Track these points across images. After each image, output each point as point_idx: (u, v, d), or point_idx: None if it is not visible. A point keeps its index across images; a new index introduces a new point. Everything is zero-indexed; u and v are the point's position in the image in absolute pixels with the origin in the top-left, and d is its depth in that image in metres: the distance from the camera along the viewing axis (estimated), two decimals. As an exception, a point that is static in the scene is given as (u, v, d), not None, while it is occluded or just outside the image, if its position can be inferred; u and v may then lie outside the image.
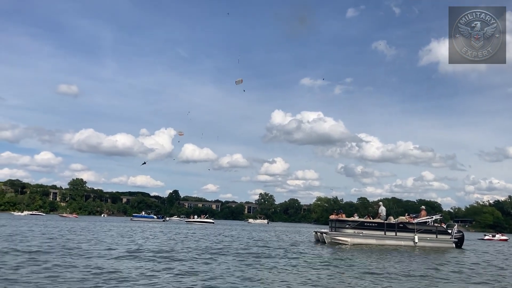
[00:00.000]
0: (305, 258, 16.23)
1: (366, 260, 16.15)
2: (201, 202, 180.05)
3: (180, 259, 14.51)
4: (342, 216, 27.79)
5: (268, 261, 14.83)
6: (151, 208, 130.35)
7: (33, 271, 10.81)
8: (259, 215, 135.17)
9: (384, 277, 12.20)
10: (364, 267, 14.15)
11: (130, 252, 16.04)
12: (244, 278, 11.02)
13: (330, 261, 15.52)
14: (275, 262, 14.75)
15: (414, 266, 15.48)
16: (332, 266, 14.01)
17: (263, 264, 14.11)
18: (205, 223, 75.21)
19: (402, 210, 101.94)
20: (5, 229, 29.79)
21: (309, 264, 14.45)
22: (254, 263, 14.11)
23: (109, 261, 13.29)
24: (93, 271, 11.12)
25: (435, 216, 29.06)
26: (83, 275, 10.49)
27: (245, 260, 14.80)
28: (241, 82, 35.24)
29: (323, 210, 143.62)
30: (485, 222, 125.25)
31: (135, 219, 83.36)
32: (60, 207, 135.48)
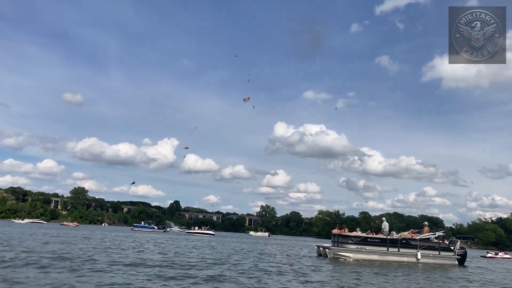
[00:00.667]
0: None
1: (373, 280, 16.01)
2: (202, 213, 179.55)
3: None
4: (345, 231, 27.67)
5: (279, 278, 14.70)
6: (151, 218, 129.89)
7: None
8: (260, 227, 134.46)
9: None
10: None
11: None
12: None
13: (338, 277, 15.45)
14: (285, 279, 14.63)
15: (422, 283, 15.42)
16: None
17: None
18: (206, 235, 74.94)
19: (404, 225, 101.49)
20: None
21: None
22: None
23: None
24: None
25: (438, 232, 28.92)
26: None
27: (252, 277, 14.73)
28: (249, 100, 35.57)
29: (325, 224, 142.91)
30: (487, 240, 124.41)
31: (136, 229, 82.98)
32: (61, 216, 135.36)
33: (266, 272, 15.85)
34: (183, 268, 15.32)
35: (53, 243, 25.21)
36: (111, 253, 20.13)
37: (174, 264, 16.51)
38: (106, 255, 18.85)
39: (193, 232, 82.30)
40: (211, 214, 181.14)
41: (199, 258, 20.42)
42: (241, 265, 18.14)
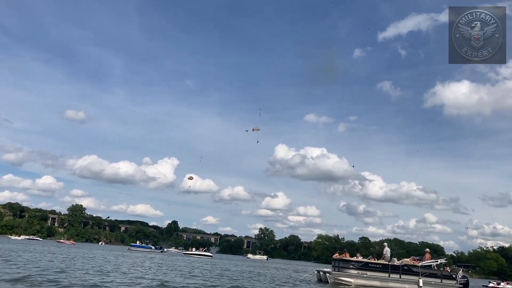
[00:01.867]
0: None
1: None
2: (199, 235, 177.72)
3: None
4: (346, 256, 27.15)
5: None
6: (149, 238, 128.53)
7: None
8: (259, 250, 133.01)
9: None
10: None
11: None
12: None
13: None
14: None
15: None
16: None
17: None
18: (203, 256, 73.91)
19: (404, 252, 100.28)
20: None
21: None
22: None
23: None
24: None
25: (440, 259, 28.41)
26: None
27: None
28: (259, 130, 35.97)
29: (324, 249, 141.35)
30: (489, 269, 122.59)
31: (133, 248, 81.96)
32: (58, 233, 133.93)
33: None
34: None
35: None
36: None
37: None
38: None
39: (191, 253, 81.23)
40: (209, 235, 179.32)
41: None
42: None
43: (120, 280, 16.70)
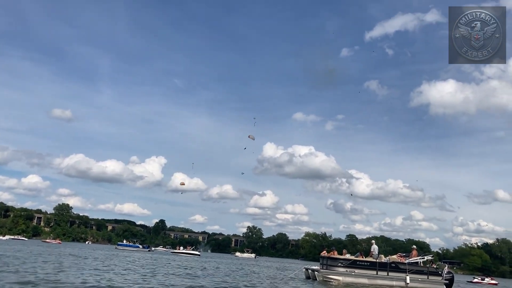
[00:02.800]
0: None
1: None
2: (187, 233, 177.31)
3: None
4: (334, 254, 27.33)
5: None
6: (136, 237, 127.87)
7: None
8: (247, 249, 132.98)
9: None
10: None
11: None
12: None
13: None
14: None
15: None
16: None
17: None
18: (191, 255, 73.76)
19: (391, 249, 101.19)
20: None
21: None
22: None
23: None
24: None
25: (426, 256, 28.78)
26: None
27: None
28: (253, 139, 36.25)
29: (311, 246, 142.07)
30: (473, 265, 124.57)
31: (120, 247, 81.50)
32: (44, 232, 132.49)
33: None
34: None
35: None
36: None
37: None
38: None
39: (178, 252, 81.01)
40: (197, 234, 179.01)
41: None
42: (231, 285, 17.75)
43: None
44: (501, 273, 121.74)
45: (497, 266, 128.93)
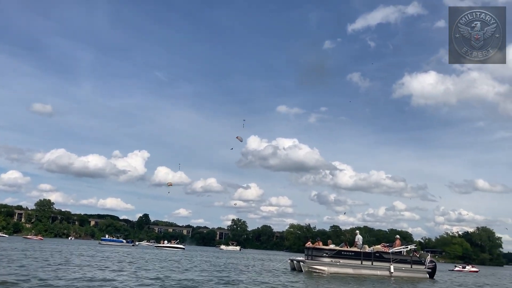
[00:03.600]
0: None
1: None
2: (171, 227, 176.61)
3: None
4: (319, 244, 27.45)
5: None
6: (119, 232, 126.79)
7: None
8: (231, 241, 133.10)
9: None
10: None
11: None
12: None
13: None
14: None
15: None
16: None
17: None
18: (175, 249, 73.45)
19: (374, 239, 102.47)
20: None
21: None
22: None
23: None
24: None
25: (410, 246, 29.18)
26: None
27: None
28: (241, 141, 36.55)
29: (296, 238, 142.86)
30: (454, 253, 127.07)
31: (104, 242, 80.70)
32: (25, 229, 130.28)
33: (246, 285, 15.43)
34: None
35: None
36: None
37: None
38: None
39: (162, 246, 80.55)
40: (181, 227, 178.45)
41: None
42: (214, 280, 17.64)
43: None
44: (481, 261, 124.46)
45: (477, 254, 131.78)
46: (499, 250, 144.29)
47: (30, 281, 13.28)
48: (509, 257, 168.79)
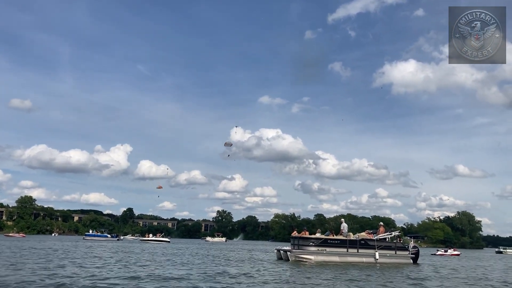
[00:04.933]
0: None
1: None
2: (156, 220, 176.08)
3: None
4: (305, 233, 27.69)
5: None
6: (104, 227, 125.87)
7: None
8: (217, 233, 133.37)
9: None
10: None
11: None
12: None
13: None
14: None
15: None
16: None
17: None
18: (161, 242, 73.21)
19: (358, 226, 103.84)
20: None
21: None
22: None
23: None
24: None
25: (394, 232, 29.63)
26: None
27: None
28: (231, 145, 36.88)
29: (281, 227, 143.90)
30: (436, 238, 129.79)
31: (88, 238, 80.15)
32: (7, 226, 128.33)
33: (236, 278, 15.52)
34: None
35: None
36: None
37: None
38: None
39: (147, 239, 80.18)
40: (166, 220, 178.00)
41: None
42: (203, 274, 17.70)
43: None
44: (461, 244, 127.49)
45: (458, 238, 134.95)
46: (479, 234, 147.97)
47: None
48: (489, 240, 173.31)
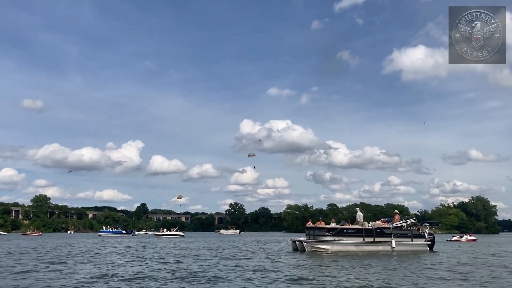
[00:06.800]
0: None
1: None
2: (170, 215, 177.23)
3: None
4: (321, 224, 27.64)
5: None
6: (118, 223, 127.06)
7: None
8: (230, 225, 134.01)
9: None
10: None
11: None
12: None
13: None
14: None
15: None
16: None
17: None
18: (175, 236, 73.72)
19: (371, 215, 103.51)
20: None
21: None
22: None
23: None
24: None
25: (410, 220, 29.46)
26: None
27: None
28: (254, 156, 37.99)
29: (294, 218, 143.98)
30: (450, 224, 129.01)
31: (103, 234, 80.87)
32: (23, 225, 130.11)
33: (255, 271, 15.53)
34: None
35: None
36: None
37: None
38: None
39: (162, 234, 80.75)
40: (180, 215, 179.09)
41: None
42: (221, 265, 17.74)
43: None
44: (477, 230, 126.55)
45: (473, 223, 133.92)
46: (494, 218, 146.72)
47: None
48: (504, 224, 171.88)
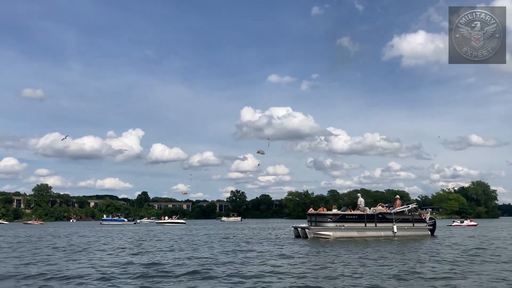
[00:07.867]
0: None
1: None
2: (171, 203, 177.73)
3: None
4: (323, 210, 27.68)
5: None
6: (119, 211, 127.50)
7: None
8: (232, 212, 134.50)
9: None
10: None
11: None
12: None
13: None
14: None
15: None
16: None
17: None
18: (177, 224, 73.98)
19: (372, 200, 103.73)
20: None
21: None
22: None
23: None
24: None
25: (411, 205, 29.47)
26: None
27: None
28: (263, 154, 39.23)
29: (295, 205, 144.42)
30: (451, 209, 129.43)
31: (105, 222, 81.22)
32: (25, 214, 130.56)
33: (261, 258, 15.56)
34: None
35: None
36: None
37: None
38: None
39: (164, 222, 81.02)
40: (181, 202, 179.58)
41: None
42: (225, 253, 17.80)
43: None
44: (477, 214, 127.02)
45: (474, 208, 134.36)
46: (494, 203, 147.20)
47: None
48: (504, 209, 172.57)
